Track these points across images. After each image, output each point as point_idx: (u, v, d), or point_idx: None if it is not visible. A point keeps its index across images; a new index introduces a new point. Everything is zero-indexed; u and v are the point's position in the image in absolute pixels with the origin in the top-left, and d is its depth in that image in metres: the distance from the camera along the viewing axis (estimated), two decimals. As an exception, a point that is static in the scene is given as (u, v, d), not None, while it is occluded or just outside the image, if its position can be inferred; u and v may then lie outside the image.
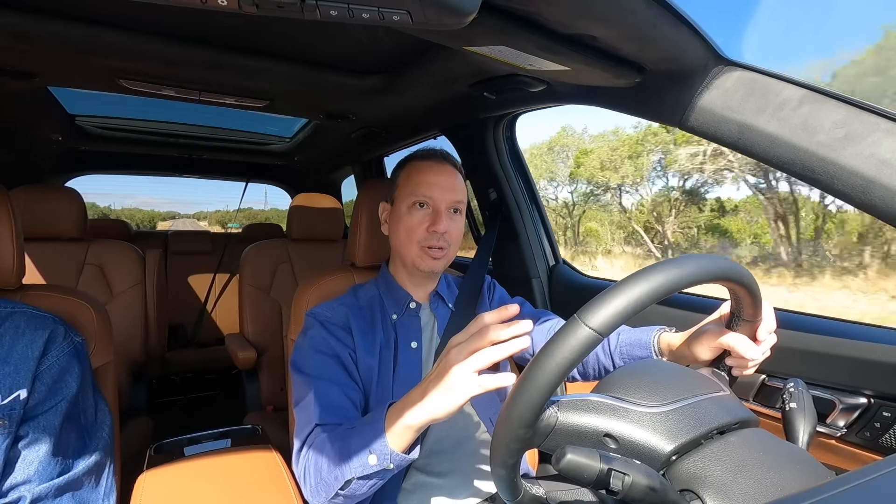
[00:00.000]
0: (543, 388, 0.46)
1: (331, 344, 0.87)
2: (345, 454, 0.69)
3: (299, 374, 0.85)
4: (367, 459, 0.66)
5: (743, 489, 0.44)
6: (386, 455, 0.65)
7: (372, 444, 0.66)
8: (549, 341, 0.47)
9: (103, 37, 0.98)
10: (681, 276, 0.48)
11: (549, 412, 0.50)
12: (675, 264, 0.49)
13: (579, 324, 0.46)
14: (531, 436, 0.49)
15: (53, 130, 1.95)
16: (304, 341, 0.89)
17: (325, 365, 0.85)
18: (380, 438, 0.66)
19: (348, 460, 0.68)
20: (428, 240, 0.91)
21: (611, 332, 0.46)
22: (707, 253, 0.77)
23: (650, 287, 0.47)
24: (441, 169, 0.95)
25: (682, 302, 1.10)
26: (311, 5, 0.55)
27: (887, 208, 0.64)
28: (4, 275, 0.83)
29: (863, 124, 0.66)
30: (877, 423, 0.77)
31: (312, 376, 0.83)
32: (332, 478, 0.70)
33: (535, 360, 0.47)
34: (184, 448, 1.07)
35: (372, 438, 0.67)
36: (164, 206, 46.14)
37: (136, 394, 1.82)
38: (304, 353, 0.87)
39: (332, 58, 1.17)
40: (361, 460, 0.66)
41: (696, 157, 15.84)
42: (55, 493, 0.71)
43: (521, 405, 0.47)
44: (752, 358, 0.64)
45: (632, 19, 0.70)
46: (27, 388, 0.71)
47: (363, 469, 0.67)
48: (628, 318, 0.46)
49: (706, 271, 0.50)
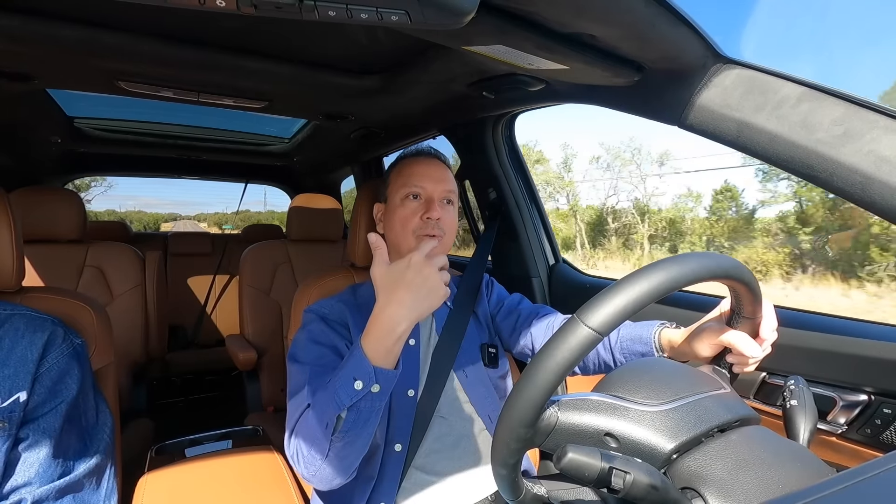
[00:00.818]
0: (543, 388, 0.46)
1: (328, 336, 0.87)
2: (329, 396, 0.68)
3: (295, 363, 0.85)
4: (353, 387, 0.65)
5: (744, 487, 0.44)
6: (369, 373, 0.65)
7: (354, 371, 0.66)
8: (549, 341, 0.47)
9: (101, 39, 0.98)
10: (680, 275, 0.48)
11: (549, 412, 0.50)
12: (674, 262, 0.49)
13: (579, 324, 0.46)
14: (532, 435, 0.50)
15: (52, 133, 1.95)
16: (302, 334, 0.89)
17: (321, 354, 0.85)
18: (359, 361, 0.66)
19: (334, 399, 0.67)
20: (423, 228, 0.92)
21: (611, 331, 0.46)
22: (704, 251, 0.77)
23: (650, 286, 0.47)
24: (431, 162, 0.97)
25: (682, 300, 1.10)
26: (310, 6, 0.55)
27: (886, 205, 0.64)
28: (4, 277, 0.83)
29: (862, 121, 0.66)
30: (877, 419, 0.77)
31: (308, 364, 0.82)
32: (322, 428, 0.69)
33: (535, 360, 0.47)
34: (185, 449, 1.07)
35: (353, 365, 0.67)
36: (166, 208, 46.48)
37: (136, 395, 1.82)
38: (301, 345, 0.87)
39: (330, 58, 1.17)
40: (347, 389, 0.66)
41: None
42: (56, 495, 0.71)
43: (522, 405, 0.47)
44: (753, 355, 0.64)
45: (630, 18, 0.70)
46: (27, 391, 0.71)
47: (350, 397, 0.65)
48: (628, 317, 0.46)
49: (706, 269, 0.50)
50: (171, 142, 2.32)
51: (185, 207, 51.80)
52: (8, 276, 0.83)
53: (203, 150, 2.46)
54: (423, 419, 0.90)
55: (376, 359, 0.66)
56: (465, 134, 1.56)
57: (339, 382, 0.67)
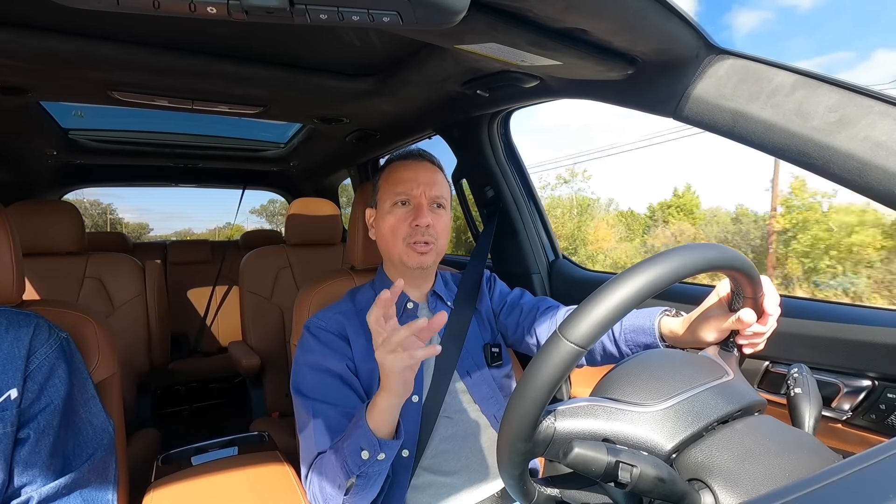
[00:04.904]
0: (534, 404, 0.47)
1: (328, 358, 0.88)
2: (340, 460, 0.72)
3: (299, 396, 0.86)
4: (360, 455, 0.70)
5: (751, 476, 0.44)
6: (374, 444, 0.69)
7: (360, 440, 0.70)
8: (534, 359, 0.48)
9: (94, 50, 0.98)
10: (663, 275, 0.47)
11: (545, 423, 0.50)
12: (655, 263, 0.48)
13: (560, 339, 0.46)
14: (531, 448, 0.50)
15: (48, 145, 1.95)
16: (301, 359, 0.90)
17: (322, 385, 0.86)
18: (365, 432, 0.70)
19: (344, 464, 0.71)
20: (412, 236, 0.91)
21: (592, 343, 0.46)
22: (694, 243, 0.72)
23: (629, 292, 0.46)
24: (419, 166, 0.95)
25: (676, 292, 1.10)
26: (301, 10, 0.55)
27: (884, 190, 0.64)
28: (4, 291, 0.83)
29: (857, 107, 0.66)
30: (882, 405, 0.77)
31: (310, 399, 0.84)
32: (336, 488, 0.73)
33: (523, 379, 0.48)
34: (191, 458, 1.07)
35: (359, 435, 0.71)
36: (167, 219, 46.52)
37: (141, 406, 1.82)
38: (301, 375, 0.88)
39: (323, 62, 1.17)
40: (355, 458, 0.70)
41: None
42: (62, 493, 0.72)
43: (516, 421, 0.48)
44: (766, 331, 0.65)
45: (622, 12, 0.70)
46: (18, 388, 0.71)
47: (358, 466, 0.70)
48: (610, 327, 0.46)
49: (693, 265, 0.49)
50: (168, 150, 2.31)
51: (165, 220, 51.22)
52: (8, 290, 0.83)
53: (199, 157, 2.45)
54: (428, 422, 0.90)
55: (379, 431, 0.71)
56: (460, 133, 1.55)
57: (348, 451, 0.71)
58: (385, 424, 0.71)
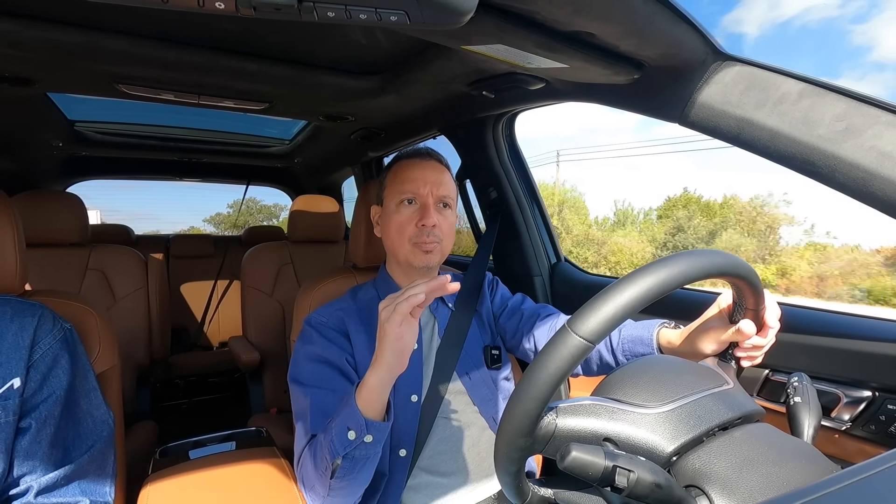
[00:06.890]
0: (538, 399, 0.47)
1: (327, 350, 0.87)
2: (328, 440, 0.71)
3: (297, 384, 0.86)
4: (347, 436, 0.68)
5: (749, 484, 0.44)
6: (361, 424, 0.68)
7: (347, 420, 0.69)
8: (541, 352, 0.47)
9: (101, 42, 0.98)
10: (671, 277, 0.47)
11: (546, 419, 0.50)
12: (665, 265, 0.48)
13: (569, 333, 0.46)
14: (531, 443, 0.50)
15: (53, 136, 1.95)
16: (300, 350, 0.90)
17: (320, 373, 0.85)
18: (353, 411, 0.68)
19: (331, 444, 0.70)
20: (418, 236, 0.91)
21: (601, 339, 0.46)
22: (703, 249, 0.75)
23: (639, 291, 0.46)
24: (427, 165, 0.95)
25: (679, 298, 1.10)
26: (309, 7, 0.55)
27: (889, 201, 0.64)
28: (8, 281, 0.83)
29: (863, 117, 0.66)
30: (882, 416, 0.77)
31: (308, 386, 0.84)
32: (323, 468, 0.72)
33: (528, 371, 0.47)
34: (189, 451, 1.07)
35: (347, 414, 0.69)
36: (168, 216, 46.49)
37: (140, 398, 1.83)
38: (300, 364, 0.88)
39: (330, 59, 1.17)
40: (341, 438, 0.69)
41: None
42: (61, 483, 0.72)
43: (518, 415, 0.48)
44: (765, 344, 0.64)
45: (630, 16, 0.70)
46: (21, 377, 0.71)
47: (344, 447, 0.68)
48: (619, 324, 0.46)
49: (701, 269, 0.49)
50: (173, 144, 2.32)
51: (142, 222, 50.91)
52: (11, 280, 0.83)
53: (204, 152, 2.46)
54: (426, 422, 0.90)
55: (368, 411, 0.68)
56: (465, 133, 1.55)
57: (335, 431, 0.70)
58: (374, 403, 0.68)
